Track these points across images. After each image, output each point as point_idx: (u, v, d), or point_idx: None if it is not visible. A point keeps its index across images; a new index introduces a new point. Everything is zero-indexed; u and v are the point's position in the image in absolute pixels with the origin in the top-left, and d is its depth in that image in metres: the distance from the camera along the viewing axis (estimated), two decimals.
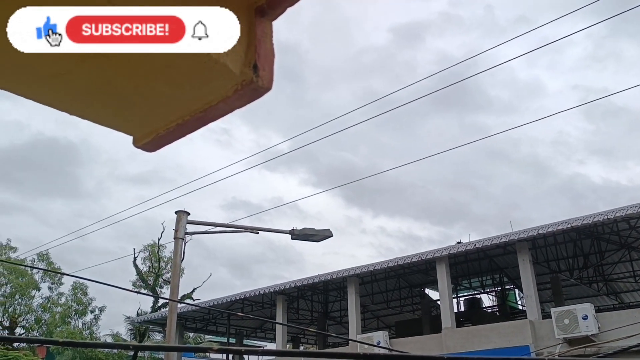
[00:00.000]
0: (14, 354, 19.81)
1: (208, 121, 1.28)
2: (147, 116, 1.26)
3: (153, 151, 1.40)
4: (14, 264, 31.26)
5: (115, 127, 1.31)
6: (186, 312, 24.15)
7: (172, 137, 1.35)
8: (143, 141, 1.34)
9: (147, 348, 17.02)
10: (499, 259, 21.43)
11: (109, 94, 1.16)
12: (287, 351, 11.88)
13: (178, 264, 8.63)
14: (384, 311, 27.20)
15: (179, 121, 1.28)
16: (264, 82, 1.13)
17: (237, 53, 1.13)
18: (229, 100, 1.17)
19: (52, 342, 8.18)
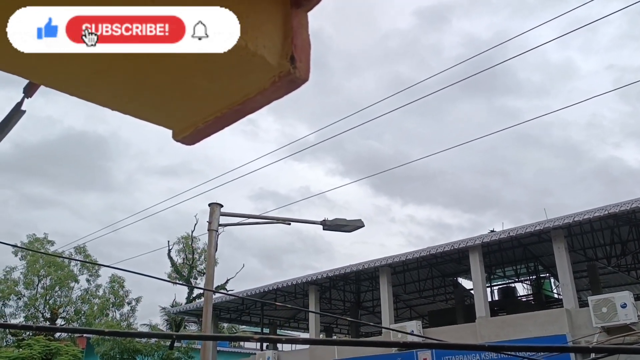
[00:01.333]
0: (55, 344, 20.44)
1: (246, 113, 1.30)
2: (187, 110, 1.28)
3: (192, 144, 1.42)
4: (55, 256, 32.16)
5: (155, 121, 1.34)
6: (220, 302, 24.49)
7: (211, 130, 1.37)
8: (182, 135, 1.37)
9: (187, 337, 17.32)
10: (533, 247, 21.11)
11: (150, 89, 1.18)
12: (327, 340, 11.95)
13: (212, 255, 8.76)
14: (417, 301, 27.10)
15: (217, 114, 1.29)
16: (301, 74, 1.14)
17: (274, 45, 1.13)
18: (266, 92, 1.18)
19: (98, 332, 8.37)
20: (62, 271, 34.09)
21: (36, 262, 33.39)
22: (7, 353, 20.40)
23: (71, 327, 29.51)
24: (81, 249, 32.14)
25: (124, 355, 27.42)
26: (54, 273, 33.81)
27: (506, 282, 25.61)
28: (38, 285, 33.96)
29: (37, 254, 33.18)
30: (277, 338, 1.71)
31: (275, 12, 1.16)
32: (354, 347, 20.11)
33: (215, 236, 8.99)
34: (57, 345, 20.41)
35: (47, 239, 34.90)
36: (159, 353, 27.55)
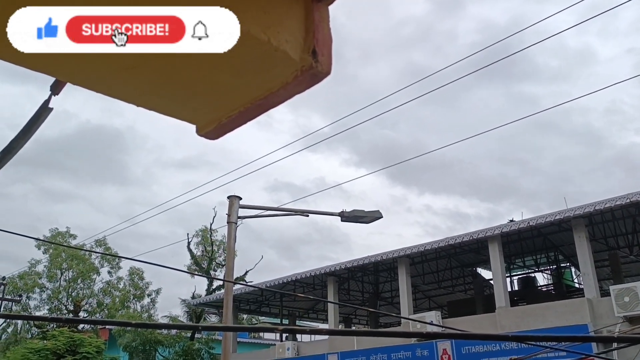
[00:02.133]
0: (79, 336, 20.78)
1: (268, 108, 1.31)
2: (211, 105, 1.30)
3: (215, 139, 1.44)
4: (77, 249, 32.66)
5: (180, 117, 1.36)
6: (240, 294, 24.70)
7: (234, 124, 1.39)
8: (206, 129, 1.39)
9: (211, 328, 17.44)
10: (553, 237, 20.91)
11: (175, 85, 1.20)
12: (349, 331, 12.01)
13: (232, 247, 8.83)
14: (436, 291, 27.06)
15: (240, 109, 1.31)
16: (323, 67, 1.15)
17: (296, 40, 1.15)
18: (288, 86, 1.20)
19: (125, 324, 8.55)
20: (83, 264, 34.62)
21: (58, 255, 33.94)
22: (32, 345, 20.81)
23: (99, 319, 30.06)
24: (101, 241, 32.58)
25: (146, 346, 27.82)
26: (76, 266, 34.34)
27: (526, 272, 25.44)
28: (61, 278, 34.54)
29: (59, 248, 33.73)
30: (301, 329, 1.73)
31: (296, 7, 1.17)
32: (374, 337, 20.17)
33: (234, 228, 9.06)
34: (80, 336, 20.74)
35: (69, 233, 35.45)
36: (180, 344, 27.88)
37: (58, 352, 19.38)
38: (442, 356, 16.78)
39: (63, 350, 19.52)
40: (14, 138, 1.33)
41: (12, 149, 1.31)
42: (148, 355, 28.48)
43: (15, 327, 35.04)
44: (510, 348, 14.94)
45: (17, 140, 1.33)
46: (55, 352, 19.30)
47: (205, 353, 28.07)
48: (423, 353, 17.36)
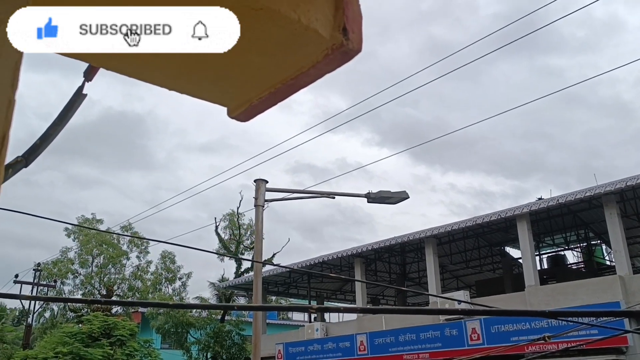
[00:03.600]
0: (113, 319, 21.29)
1: (299, 88, 1.31)
2: (241, 87, 1.30)
3: (246, 120, 1.45)
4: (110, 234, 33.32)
5: (211, 99, 1.37)
6: (268, 276, 24.96)
7: (265, 105, 1.39)
8: (237, 111, 1.39)
9: (246, 308, 17.70)
10: (583, 214, 20.58)
11: (206, 67, 1.20)
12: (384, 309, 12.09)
13: (260, 230, 8.91)
14: (463, 271, 26.96)
15: (271, 90, 1.31)
16: (354, 45, 1.14)
17: (326, 18, 1.14)
18: (319, 65, 1.19)
19: (163, 305, 8.77)
20: (113, 249, 35.34)
21: (89, 242, 34.67)
22: (69, 328, 21.41)
23: (138, 301, 30.88)
24: (127, 227, 33.16)
25: (178, 328, 28.38)
26: (106, 251, 35.08)
27: (555, 250, 25.14)
28: (92, 263, 35.34)
29: (89, 234, 34.46)
30: (334, 307, 1.75)
31: None
32: (402, 317, 20.23)
33: (261, 212, 9.13)
34: (114, 320, 21.26)
35: (96, 219, 36.16)
36: (210, 326, 28.38)
37: (93, 335, 19.91)
38: (472, 335, 16.76)
39: (98, 333, 20.04)
40: (50, 125, 1.36)
41: (49, 135, 1.34)
42: (180, 337, 29.07)
43: (52, 312, 36.11)
44: (541, 327, 14.84)
45: (54, 127, 1.36)
46: (91, 336, 19.83)
47: (236, 334, 28.53)
48: (452, 332, 17.36)
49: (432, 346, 17.69)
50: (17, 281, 24.87)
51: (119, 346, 20.17)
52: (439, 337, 17.68)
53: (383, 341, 19.21)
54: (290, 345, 22.69)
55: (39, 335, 32.12)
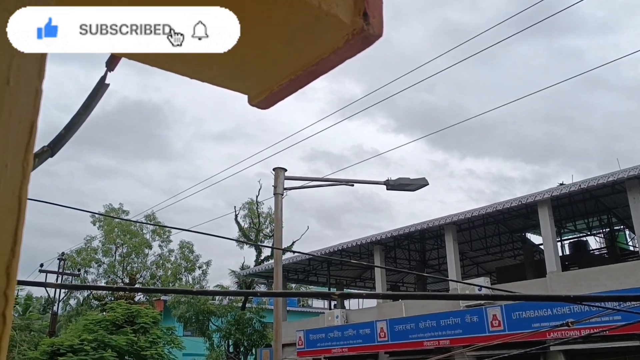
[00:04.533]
0: (136, 307, 21.64)
1: (319, 74, 1.31)
2: (261, 74, 1.31)
3: (267, 108, 1.45)
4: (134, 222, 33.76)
5: (231, 87, 1.37)
6: (288, 264, 25.10)
7: (285, 93, 1.39)
8: (258, 99, 1.40)
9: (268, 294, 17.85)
10: (606, 199, 20.29)
11: (227, 55, 1.20)
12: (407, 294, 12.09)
13: (279, 218, 8.95)
14: (484, 257, 26.82)
15: (291, 76, 1.31)
16: (375, 30, 1.13)
17: (347, 3, 1.13)
18: (340, 51, 1.19)
19: (186, 292, 8.88)
20: (136, 239, 35.83)
21: (112, 231, 35.19)
22: (93, 316, 21.83)
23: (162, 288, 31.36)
24: (150, 217, 33.55)
25: (199, 316, 28.72)
26: (129, 241, 35.58)
27: (577, 236, 24.86)
28: (115, 252, 35.88)
29: (112, 224, 34.95)
30: (357, 293, 1.75)
31: None
32: (422, 304, 20.22)
33: (280, 200, 9.16)
34: (137, 308, 21.61)
35: (122, 209, 36.65)
36: (231, 314, 28.65)
37: (117, 322, 20.27)
38: (492, 322, 16.69)
39: (122, 321, 20.40)
40: (74, 115, 1.37)
41: (74, 125, 1.36)
42: (202, 325, 29.42)
43: (77, 301, 36.81)
44: (563, 313, 14.72)
45: (78, 116, 1.38)
46: (115, 323, 20.19)
47: (257, 322, 28.78)
48: (472, 319, 17.30)
49: (452, 333, 17.66)
50: (43, 270, 25.35)
51: (142, 333, 20.52)
52: (459, 324, 17.64)
53: (403, 328, 19.24)
54: (310, 332, 22.84)
55: (65, 323, 32.80)
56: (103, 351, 18.18)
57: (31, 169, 0.75)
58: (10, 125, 0.75)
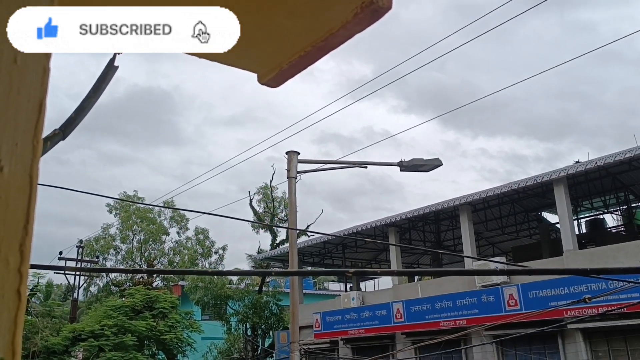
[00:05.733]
0: (154, 293, 21.92)
1: (328, 50, 1.29)
2: (271, 52, 1.29)
3: (277, 86, 1.44)
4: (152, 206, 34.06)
5: (241, 66, 1.36)
6: (303, 247, 25.22)
7: (295, 70, 1.38)
8: (267, 77, 1.39)
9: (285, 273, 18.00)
10: (623, 176, 20.06)
11: None
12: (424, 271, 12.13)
13: (294, 202, 8.97)
14: (499, 237, 26.71)
15: (300, 53, 1.30)
16: (384, 2, 1.11)
17: None
18: (348, 25, 1.17)
19: (203, 273, 8.98)
20: (153, 225, 36.16)
21: (129, 218, 35.53)
22: (112, 302, 22.15)
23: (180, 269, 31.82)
24: (168, 203, 33.80)
25: (217, 300, 29.03)
26: (146, 228, 35.92)
27: (594, 214, 24.65)
28: (133, 239, 36.27)
29: (129, 211, 35.28)
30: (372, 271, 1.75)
31: None
32: (437, 285, 20.24)
33: (294, 183, 9.18)
34: (156, 293, 21.88)
35: (137, 196, 36.94)
36: (248, 298, 28.92)
37: (136, 308, 20.55)
38: (509, 301, 16.67)
39: (141, 306, 20.68)
40: (84, 98, 1.38)
41: (84, 108, 1.36)
42: (219, 310, 29.74)
43: (97, 287, 37.36)
44: (580, 291, 14.66)
45: (88, 99, 1.38)
46: (134, 309, 20.48)
47: (273, 305, 29.03)
48: (489, 299, 17.30)
49: (468, 312, 17.68)
50: (62, 258, 25.73)
51: (161, 318, 20.80)
52: (475, 304, 17.64)
53: (419, 309, 19.29)
54: (327, 314, 23.00)
55: (85, 309, 33.35)
56: (123, 336, 18.47)
57: (41, 147, 0.75)
58: (19, 104, 0.75)
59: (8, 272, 0.66)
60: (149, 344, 20.79)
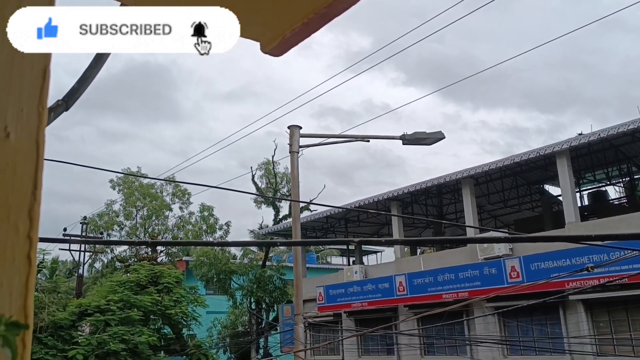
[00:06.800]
0: (159, 268, 22.11)
1: (332, 17, 1.28)
2: (274, 19, 1.28)
3: (280, 55, 1.43)
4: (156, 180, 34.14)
5: (244, 34, 1.34)
6: (305, 222, 25.32)
7: (298, 38, 1.36)
8: (270, 45, 1.37)
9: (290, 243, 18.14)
10: (626, 148, 20.01)
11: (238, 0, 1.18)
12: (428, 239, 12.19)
13: (296, 176, 8.98)
14: (501, 210, 26.77)
15: (304, 20, 1.28)
16: None
17: None
18: None
19: (209, 244, 9.07)
20: (156, 201, 36.28)
21: (132, 194, 35.64)
22: (117, 278, 22.37)
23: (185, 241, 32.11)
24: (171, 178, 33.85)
25: (220, 275, 29.29)
26: (149, 204, 36.05)
27: (596, 186, 24.65)
28: (136, 215, 36.43)
29: (132, 187, 35.37)
30: (377, 240, 1.76)
31: None
32: (440, 258, 20.37)
33: (296, 158, 9.18)
34: (160, 269, 22.07)
35: (140, 172, 36.98)
36: (252, 272, 29.18)
37: (141, 283, 20.75)
38: (511, 273, 16.80)
39: (145, 281, 20.88)
40: (87, 68, 1.37)
41: (86, 78, 1.36)
42: (223, 284, 30.03)
43: (102, 263, 37.68)
44: (582, 262, 14.74)
45: (90, 70, 1.37)
46: (139, 284, 20.68)
47: (277, 279, 29.29)
48: (491, 271, 17.42)
49: (470, 285, 17.83)
50: (66, 234, 25.91)
51: (166, 293, 21.01)
52: (477, 276, 17.78)
53: (422, 281, 19.46)
54: (330, 287, 23.21)
55: (90, 285, 33.68)
56: (129, 311, 18.68)
57: (47, 114, 0.75)
58: (24, 69, 0.75)
59: (18, 238, 0.67)
60: (154, 318, 21.03)
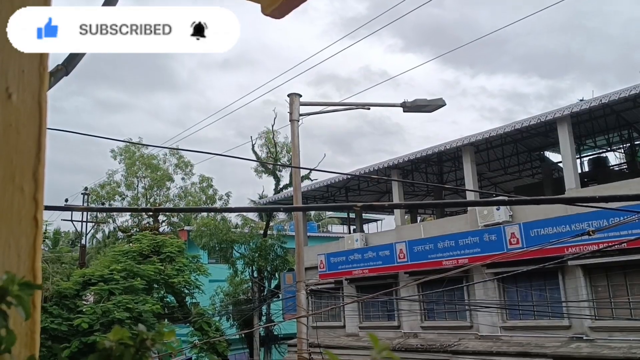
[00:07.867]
0: (161, 237, 22.28)
1: None
2: None
3: (280, 17, 1.41)
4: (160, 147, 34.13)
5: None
6: (306, 191, 25.38)
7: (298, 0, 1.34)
8: (271, 7, 1.35)
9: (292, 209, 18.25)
10: (627, 114, 19.91)
11: None
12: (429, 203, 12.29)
13: (296, 145, 8.96)
14: (502, 178, 26.81)
15: None
16: None
17: None
18: None
19: (210, 210, 9.15)
20: (158, 172, 36.33)
21: (133, 164, 35.68)
22: (120, 248, 22.56)
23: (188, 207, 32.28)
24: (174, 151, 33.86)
25: (222, 245, 29.49)
26: (150, 175, 36.11)
27: (597, 152, 24.63)
28: (138, 186, 36.53)
29: (133, 157, 35.37)
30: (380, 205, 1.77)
31: None
32: (440, 226, 20.48)
33: (297, 126, 9.15)
34: (162, 238, 22.25)
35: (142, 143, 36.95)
36: (253, 241, 29.38)
37: (144, 253, 20.93)
38: (511, 240, 16.91)
39: (148, 251, 21.07)
40: None
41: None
42: (225, 253, 30.27)
43: (103, 234, 37.94)
44: (581, 228, 14.83)
45: None
46: (141, 254, 20.86)
47: (278, 248, 29.51)
48: (491, 238, 17.54)
49: (470, 252, 17.98)
50: (68, 205, 25.98)
51: (169, 262, 21.22)
52: (477, 243, 17.91)
53: (422, 249, 19.61)
54: (331, 255, 23.41)
55: (93, 255, 33.99)
56: (132, 280, 18.90)
57: (48, 76, 0.74)
58: None
59: (24, 199, 0.67)
60: (157, 287, 21.29)
